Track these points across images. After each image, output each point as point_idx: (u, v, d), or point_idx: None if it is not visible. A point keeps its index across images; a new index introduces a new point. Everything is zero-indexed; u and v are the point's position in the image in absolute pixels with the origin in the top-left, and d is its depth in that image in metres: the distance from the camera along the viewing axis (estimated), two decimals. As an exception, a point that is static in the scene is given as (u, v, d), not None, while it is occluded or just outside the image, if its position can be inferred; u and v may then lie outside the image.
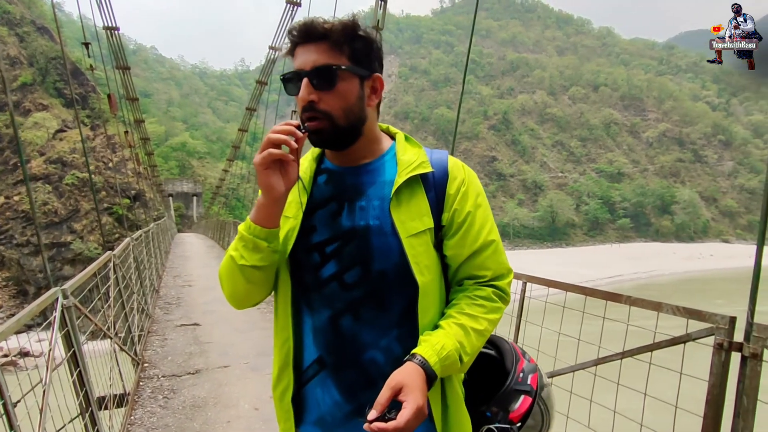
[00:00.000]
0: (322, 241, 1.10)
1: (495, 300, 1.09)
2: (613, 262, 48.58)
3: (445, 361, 0.98)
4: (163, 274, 11.70)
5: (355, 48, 1.04)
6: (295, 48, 1.05)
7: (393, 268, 1.06)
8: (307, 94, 1.02)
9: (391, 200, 1.06)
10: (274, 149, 0.97)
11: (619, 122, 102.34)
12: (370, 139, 1.12)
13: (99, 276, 4.15)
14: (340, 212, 1.10)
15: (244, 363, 4.96)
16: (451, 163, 1.14)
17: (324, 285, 1.09)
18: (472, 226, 1.09)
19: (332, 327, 1.09)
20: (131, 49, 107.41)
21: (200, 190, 55.20)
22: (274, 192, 1.00)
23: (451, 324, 1.03)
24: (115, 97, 11.14)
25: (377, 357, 1.07)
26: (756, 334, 1.66)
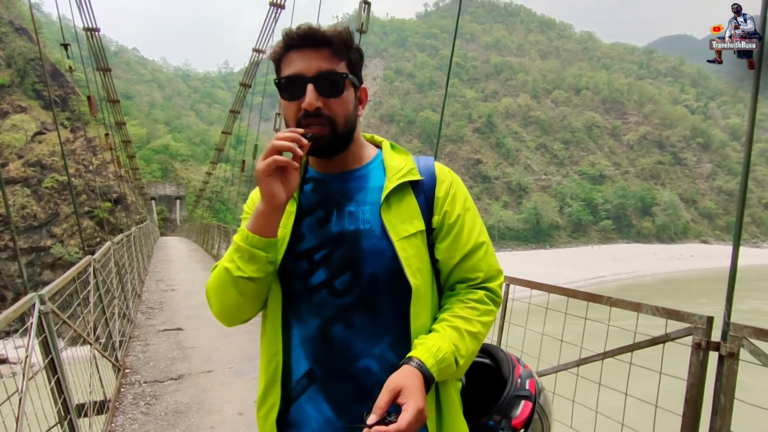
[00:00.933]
0: (310, 248, 1.07)
1: (487, 302, 1.08)
2: (596, 263, 49.23)
3: (441, 363, 0.96)
4: (146, 278, 11.54)
5: (351, 57, 1.05)
6: (287, 51, 1.03)
7: (384, 272, 1.04)
8: (315, 99, 1.00)
9: (381, 204, 1.05)
10: (279, 156, 0.95)
11: (600, 125, 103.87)
12: (357, 146, 1.12)
13: (79, 281, 4.07)
14: (328, 218, 1.08)
15: (228, 368, 4.91)
16: (438, 168, 1.15)
17: (313, 293, 1.06)
18: (462, 229, 1.09)
19: (322, 337, 1.05)
20: (112, 50, 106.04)
21: (183, 193, 54.64)
22: (276, 200, 0.97)
23: (445, 327, 1.02)
24: (95, 99, 10.96)
25: (371, 365, 1.04)
26: (732, 333, 1.69)
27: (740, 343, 1.66)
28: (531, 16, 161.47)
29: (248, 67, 14.48)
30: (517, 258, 52.72)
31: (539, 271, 39.22)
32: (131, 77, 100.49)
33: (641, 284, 40.29)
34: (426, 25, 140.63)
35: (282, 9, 10.32)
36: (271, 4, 10.34)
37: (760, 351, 1.63)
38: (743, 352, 1.67)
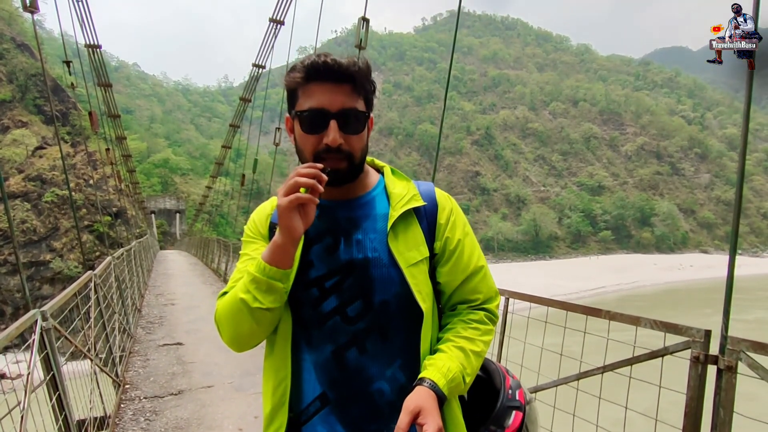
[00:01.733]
0: (320, 276, 1.09)
1: (487, 322, 1.13)
2: (596, 274, 49.08)
3: (451, 383, 1.01)
4: (146, 292, 11.52)
5: (369, 93, 1.09)
6: (308, 82, 1.04)
7: (394, 299, 1.08)
8: (338, 136, 1.03)
9: (388, 233, 1.09)
10: (302, 194, 0.97)
11: (598, 136, 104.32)
12: (363, 174, 1.15)
13: (80, 296, 4.08)
14: (336, 246, 1.10)
15: (228, 383, 4.89)
16: (438, 194, 1.19)
17: (326, 319, 1.09)
18: (462, 253, 1.14)
19: (336, 361, 1.08)
20: (113, 65, 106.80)
21: (183, 206, 54.66)
22: (295, 233, 0.99)
23: (451, 347, 1.07)
24: (96, 114, 11.04)
25: (384, 387, 1.08)
26: (730, 346, 1.70)
27: (738, 357, 1.68)
28: (528, 30, 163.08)
29: (248, 81, 14.58)
30: (518, 269, 52.61)
31: (540, 283, 39.13)
32: (132, 92, 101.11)
33: (642, 295, 40.15)
34: (424, 39, 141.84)
35: (281, 25, 10.44)
36: (270, 20, 10.47)
37: (758, 365, 1.64)
38: (741, 366, 1.69)
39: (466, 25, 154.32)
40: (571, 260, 69.58)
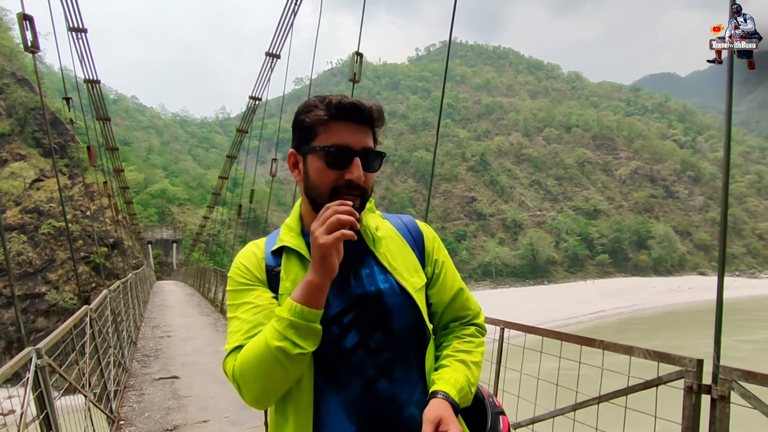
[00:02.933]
0: (338, 313, 1.08)
1: (479, 336, 1.23)
2: (595, 297, 48.84)
3: (461, 392, 1.08)
4: (141, 324, 11.41)
5: (377, 135, 1.15)
6: (332, 120, 1.07)
7: (410, 324, 1.13)
8: (362, 173, 1.07)
9: (386, 264, 1.14)
10: (348, 231, 0.96)
11: (592, 161, 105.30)
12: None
13: (75, 330, 4.06)
14: (347, 281, 1.10)
15: (224, 417, 4.83)
16: (420, 223, 1.28)
17: (350, 355, 1.08)
18: (447, 274, 1.23)
19: (369, 395, 1.07)
20: (111, 98, 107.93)
21: (180, 236, 54.55)
22: (335, 271, 0.99)
23: (453, 362, 1.14)
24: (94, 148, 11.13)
25: (414, 412, 1.09)
26: (722, 376, 1.71)
27: (731, 386, 1.68)
28: (519, 58, 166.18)
29: (245, 113, 14.78)
30: (516, 295, 52.33)
31: (539, 308, 38.90)
32: (130, 124, 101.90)
33: (642, 318, 39.90)
34: (417, 69, 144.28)
35: (278, 59, 10.66)
36: (267, 54, 10.69)
37: (750, 394, 1.65)
38: (734, 395, 1.69)
39: (458, 54, 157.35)
40: (569, 284, 69.33)
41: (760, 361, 22.26)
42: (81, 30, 9.90)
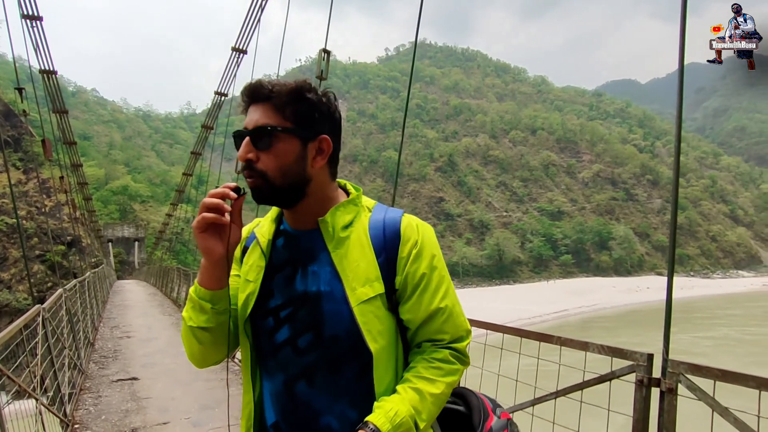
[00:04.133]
0: (277, 306, 1.08)
1: (452, 362, 1.06)
2: (559, 297, 50.07)
3: (398, 428, 0.95)
4: (100, 325, 11.05)
5: (298, 110, 1.04)
6: (246, 108, 1.06)
7: (345, 335, 1.03)
8: (245, 153, 1.02)
9: (336, 266, 1.05)
10: (207, 213, 0.99)
11: (556, 164, 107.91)
12: (318, 201, 1.09)
13: (26, 331, 3.90)
14: (294, 276, 1.08)
15: (185, 418, 4.72)
16: (404, 223, 1.09)
17: (278, 350, 1.07)
18: (427, 290, 1.06)
19: (287, 392, 1.07)
20: (70, 91, 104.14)
21: (142, 234, 53.05)
22: (213, 255, 1.01)
23: (407, 389, 1.01)
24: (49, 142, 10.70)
25: (332, 423, 1.05)
26: (671, 369, 1.78)
27: (678, 379, 1.75)
28: (487, 61, 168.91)
29: (210, 109, 14.50)
30: (483, 295, 53.13)
31: (506, 308, 39.57)
32: (89, 117, 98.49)
33: (604, 317, 41.12)
34: (387, 69, 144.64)
35: (244, 54, 10.48)
36: (233, 49, 10.50)
37: (696, 386, 1.72)
38: (681, 388, 1.77)
39: (428, 55, 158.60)
40: (534, 284, 70.83)
41: (719, 356, 23.41)
42: (36, 18, 9.51)
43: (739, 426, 1.58)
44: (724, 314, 39.95)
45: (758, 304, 47.60)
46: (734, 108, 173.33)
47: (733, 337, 29.53)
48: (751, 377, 1.56)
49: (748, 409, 1.60)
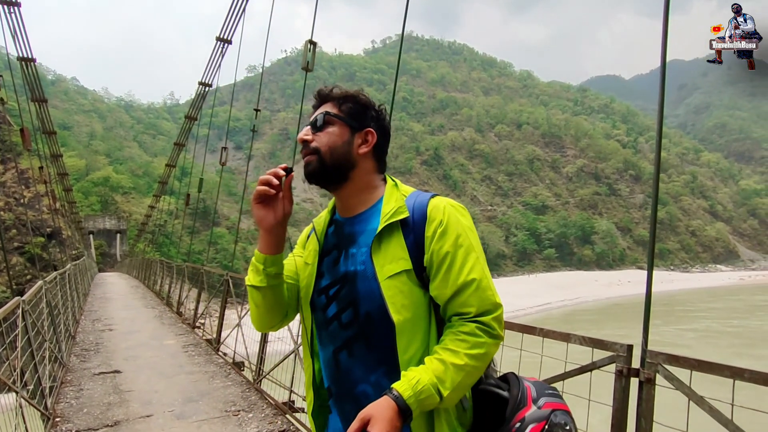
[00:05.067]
0: (326, 285, 1.24)
1: (479, 335, 1.08)
2: (542, 290, 50.66)
3: (420, 395, 1.01)
4: (81, 317, 10.90)
5: (352, 106, 1.25)
6: (314, 110, 1.28)
7: (377, 310, 1.14)
8: (304, 134, 1.23)
9: (371, 247, 1.17)
10: (261, 186, 1.18)
11: (541, 158, 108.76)
12: (361, 188, 1.25)
13: (5, 324, 3.84)
14: (338, 259, 1.23)
15: (168, 411, 4.69)
16: (431, 205, 1.19)
17: (329, 323, 1.22)
18: (452, 266, 1.12)
19: (334, 361, 1.22)
20: (50, 79, 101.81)
21: (124, 226, 52.27)
22: (264, 223, 1.20)
23: (432, 359, 1.07)
24: (28, 131, 10.48)
25: (368, 390, 1.15)
26: (649, 360, 1.83)
27: (656, 369, 1.80)
28: (473, 55, 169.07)
29: (194, 99, 14.32)
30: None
31: (488, 301, 39.79)
32: (69, 107, 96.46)
33: (586, 310, 41.71)
34: (373, 61, 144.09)
35: (229, 44, 10.37)
36: (218, 39, 10.38)
37: (674, 376, 1.77)
38: (659, 378, 1.81)
39: (414, 48, 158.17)
40: (518, 278, 71.53)
41: (703, 348, 24.02)
42: (14, 3, 9.29)
43: (713, 414, 1.63)
44: (706, 307, 40.83)
45: (738, 297, 48.75)
46: (715, 105, 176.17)
47: (716, 330, 30.22)
48: (726, 367, 1.60)
49: (725, 398, 1.65)
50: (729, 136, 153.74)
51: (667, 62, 2.21)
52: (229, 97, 75.82)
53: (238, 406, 4.75)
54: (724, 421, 1.59)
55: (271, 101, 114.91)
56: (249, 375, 5.91)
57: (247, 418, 4.45)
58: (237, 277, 7.69)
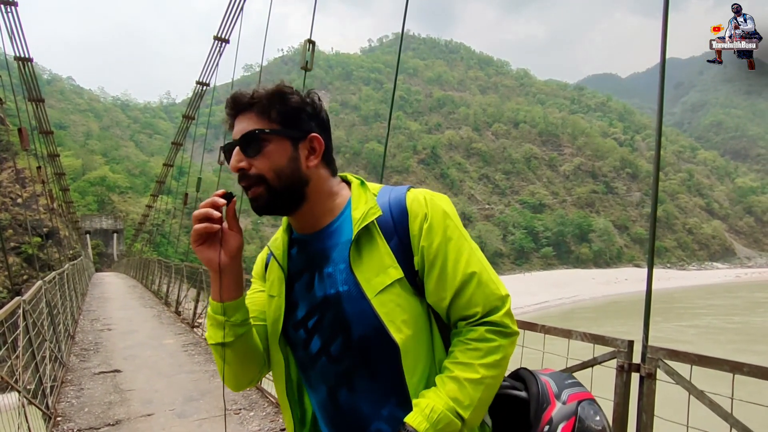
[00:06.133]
0: (303, 316, 1.05)
1: (491, 338, 0.95)
2: (539, 289, 50.75)
3: (438, 424, 0.89)
4: (79, 317, 10.90)
5: (283, 111, 1.01)
6: (231, 121, 1.04)
7: (372, 332, 0.97)
8: (237, 161, 1.00)
9: (349, 261, 0.99)
10: (199, 224, 0.97)
11: (538, 156, 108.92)
12: (321, 200, 1.05)
13: (6, 324, 3.85)
14: (312, 283, 1.04)
15: (169, 410, 4.71)
16: (410, 199, 1.03)
17: (315, 360, 1.04)
18: (446, 263, 0.98)
19: (332, 402, 1.03)
20: (45, 79, 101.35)
21: (121, 226, 52.21)
22: (214, 264, 0.99)
23: (444, 379, 0.95)
24: (26, 131, 10.46)
25: (383, 428, 0.99)
26: (650, 355, 1.85)
27: (657, 365, 1.83)
28: (470, 54, 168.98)
29: (191, 99, 14.31)
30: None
31: (486, 299, 39.86)
32: (66, 107, 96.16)
33: (584, 308, 41.80)
34: (370, 60, 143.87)
35: (226, 43, 10.36)
36: (215, 38, 10.37)
37: (674, 371, 1.79)
38: (660, 372, 1.84)
39: (411, 47, 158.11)
40: (515, 276, 71.68)
41: (704, 344, 24.18)
42: (11, 3, 9.27)
43: (713, 408, 1.65)
44: (706, 304, 40.98)
45: (737, 294, 48.89)
46: (711, 103, 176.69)
47: (717, 326, 30.36)
48: (725, 361, 1.63)
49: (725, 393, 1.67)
50: (725, 134, 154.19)
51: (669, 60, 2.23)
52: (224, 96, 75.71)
53: (239, 404, 4.77)
54: (724, 414, 1.62)
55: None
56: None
57: (248, 416, 4.47)
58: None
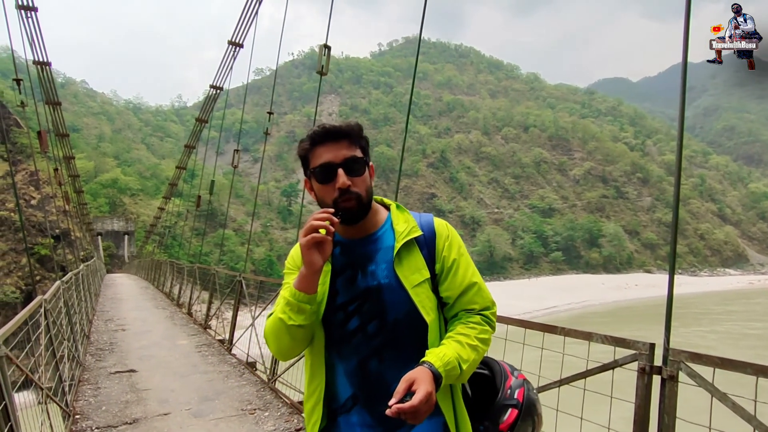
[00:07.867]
0: (344, 302, 1.35)
1: (483, 324, 1.34)
2: (548, 294, 50.45)
3: (447, 365, 1.20)
4: (94, 318, 11.02)
5: (362, 144, 1.36)
6: (313, 147, 1.33)
7: (404, 316, 1.32)
8: (346, 179, 1.29)
9: (394, 262, 1.33)
10: (317, 234, 1.23)
11: (548, 161, 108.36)
12: (372, 214, 1.39)
13: (30, 323, 3.92)
14: (355, 277, 1.36)
15: (185, 409, 4.76)
16: (437, 224, 1.43)
17: (351, 337, 1.34)
18: (458, 271, 1.37)
19: (361, 370, 1.34)
20: (59, 82, 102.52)
21: (132, 228, 52.63)
22: (315, 266, 1.25)
23: (449, 341, 1.28)
24: (46, 134, 10.63)
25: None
26: (672, 358, 1.87)
27: (679, 367, 1.84)
28: (480, 58, 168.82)
29: (205, 102, 14.45)
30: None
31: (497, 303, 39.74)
32: (79, 109, 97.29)
33: (594, 313, 41.51)
34: (380, 64, 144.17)
35: (240, 47, 10.47)
36: (230, 43, 10.49)
37: (696, 373, 1.80)
38: (682, 375, 1.85)
39: (421, 51, 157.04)
40: (524, 281, 71.32)
41: (725, 348, 24.04)
42: (31, 8, 9.44)
43: (737, 410, 1.67)
44: (723, 310, 40.58)
45: (755, 300, 48.29)
46: (724, 107, 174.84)
47: (737, 332, 30.11)
48: (749, 364, 1.64)
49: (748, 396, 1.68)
50: (738, 138, 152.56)
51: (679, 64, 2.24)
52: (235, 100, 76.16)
53: (254, 404, 4.81)
54: (747, 417, 1.63)
55: (278, 103, 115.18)
56: (262, 375, 5.97)
57: (263, 416, 4.51)
58: (249, 278, 7.78)
